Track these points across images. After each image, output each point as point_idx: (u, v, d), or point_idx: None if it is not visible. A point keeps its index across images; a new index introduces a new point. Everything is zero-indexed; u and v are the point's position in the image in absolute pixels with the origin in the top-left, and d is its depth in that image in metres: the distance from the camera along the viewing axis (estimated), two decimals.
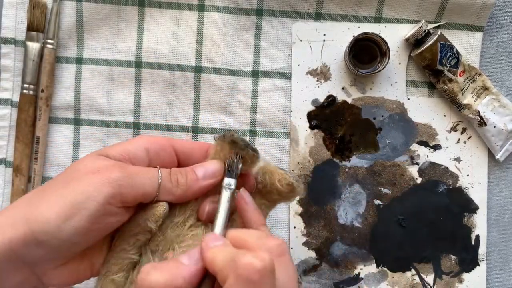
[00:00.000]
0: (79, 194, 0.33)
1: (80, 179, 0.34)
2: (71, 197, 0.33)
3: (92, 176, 0.34)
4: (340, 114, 0.52)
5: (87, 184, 0.34)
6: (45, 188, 0.36)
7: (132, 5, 0.51)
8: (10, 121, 0.51)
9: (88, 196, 0.33)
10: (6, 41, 0.51)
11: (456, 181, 0.53)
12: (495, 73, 0.53)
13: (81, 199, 0.33)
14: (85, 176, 0.35)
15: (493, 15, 0.53)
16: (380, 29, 0.52)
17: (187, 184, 0.38)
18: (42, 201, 0.34)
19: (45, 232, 0.33)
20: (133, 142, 0.39)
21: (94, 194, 0.34)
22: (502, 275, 0.54)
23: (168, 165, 0.40)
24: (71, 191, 0.34)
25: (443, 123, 0.53)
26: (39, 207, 0.34)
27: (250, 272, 0.29)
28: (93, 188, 0.34)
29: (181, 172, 0.38)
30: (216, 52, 0.52)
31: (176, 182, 0.38)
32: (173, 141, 0.41)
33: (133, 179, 0.35)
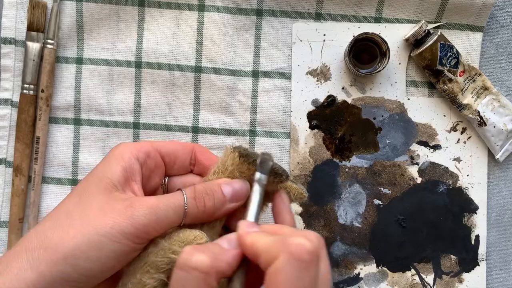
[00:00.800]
0: (103, 237, 0.32)
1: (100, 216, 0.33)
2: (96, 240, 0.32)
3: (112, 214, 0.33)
4: (340, 114, 0.53)
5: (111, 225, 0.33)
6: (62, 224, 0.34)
7: (132, 5, 0.51)
8: (10, 121, 0.51)
9: (113, 238, 0.32)
10: (6, 41, 0.51)
11: (456, 181, 0.53)
12: (495, 73, 0.53)
13: (107, 241, 0.32)
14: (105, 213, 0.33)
15: (493, 15, 0.53)
16: (380, 29, 0.52)
17: (215, 207, 0.36)
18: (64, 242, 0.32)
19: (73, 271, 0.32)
20: (124, 157, 0.36)
21: (120, 236, 0.33)
22: (502, 275, 0.54)
23: (156, 170, 0.39)
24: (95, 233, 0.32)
25: (443, 123, 0.53)
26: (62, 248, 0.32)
27: (303, 251, 0.29)
28: (118, 231, 0.33)
29: (208, 193, 0.36)
30: (216, 52, 0.52)
31: (203, 206, 0.36)
32: (157, 144, 0.39)
33: (157, 214, 0.34)
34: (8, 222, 0.51)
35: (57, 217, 0.34)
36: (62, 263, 0.32)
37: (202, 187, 0.37)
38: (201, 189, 0.36)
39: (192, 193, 0.36)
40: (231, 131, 0.52)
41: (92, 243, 0.32)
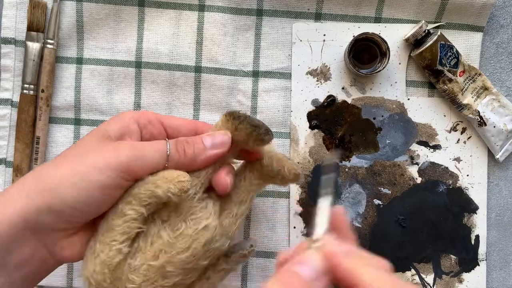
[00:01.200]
0: (91, 168, 0.35)
1: (90, 154, 0.36)
2: (84, 170, 0.35)
3: (102, 152, 0.36)
4: (340, 114, 0.53)
5: (99, 160, 0.36)
6: (56, 163, 0.37)
7: (132, 5, 0.51)
8: (10, 121, 0.51)
9: (100, 171, 0.35)
10: (6, 41, 0.51)
11: (456, 181, 0.53)
12: (495, 73, 0.53)
13: (94, 172, 0.35)
14: (95, 152, 0.36)
15: (493, 15, 0.53)
16: (380, 29, 0.52)
17: (195, 153, 0.39)
18: (55, 174, 0.36)
19: (59, 202, 0.35)
20: (125, 118, 0.40)
21: (106, 168, 0.35)
22: (502, 275, 0.54)
23: (158, 137, 0.41)
24: (84, 166, 0.36)
25: (443, 123, 0.53)
26: (53, 179, 0.35)
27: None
28: (105, 163, 0.35)
29: (188, 141, 0.39)
30: (216, 52, 0.52)
31: (183, 152, 0.39)
32: (161, 116, 0.42)
33: (142, 153, 0.37)
34: None
35: (55, 159, 0.38)
36: (50, 193, 0.35)
37: (184, 138, 0.40)
38: (181, 139, 0.39)
39: (174, 141, 0.39)
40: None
41: (79, 173, 0.35)
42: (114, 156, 0.36)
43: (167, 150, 0.38)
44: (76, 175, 0.35)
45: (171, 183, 0.36)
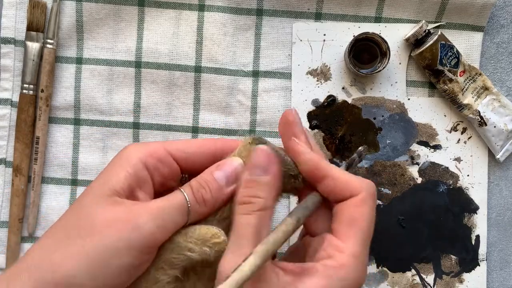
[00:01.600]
0: (109, 253, 0.30)
1: (101, 232, 0.30)
2: (100, 257, 0.30)
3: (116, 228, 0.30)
4: (340, 114, 0.52)
5: (115, 240, 0.30)
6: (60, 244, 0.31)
7: (132, 5, 0.51)
8: (10, 121, 0.51)
9: (120, 254, 0.30)
10: (5, 41, 0.51)
11: (456, 181, 0.53)
12: (496, 73, 0.53)
13: (113, 257, 0.30)
14: (108, 228, 0.31)
15: (494, 15, 0.53)
16: (380, 29, 0.52)
17: (213, 198, 0.34)
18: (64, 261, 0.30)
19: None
20: (130, 161, 0.34)
21: (127, 249, 0.30)
22: (502, 275, 0.54)
23: (171, 176, 0.36)
24: (98, 250, 0.30)
25: (443, 123, 0.53)
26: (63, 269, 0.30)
27: (375, 192, 0.37)
28: (125, 245, 0.30)
29: (203, 185, 0.34)
30: (216, 52, 0.52)
31: (203, 201, 0.34)
32: (170, 147, 0.36)
33: (163, 219, 0.32)
34: (8, 222, 0.51)
35: (58, 233, 0.32)
36: (65, 285, 0.30)
37: (195, 181, 0.35)
38: (196, 184, 0.34)
39: (190, 189, 0.34)
40: (231, 131, 0.52)
41: (96, 261, 0.30)
42: (134, 235, 0.30)
43: (187, 205, 0.33)
44: (91, 263, 0.30)
45: (206, 246, 0.33)
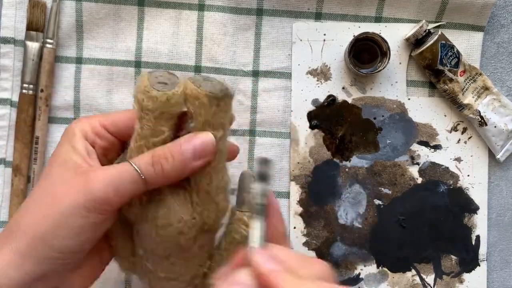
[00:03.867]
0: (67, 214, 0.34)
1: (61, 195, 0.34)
2: (59, 218, 0.34)
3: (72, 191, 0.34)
4: (340, 114, 0.52)
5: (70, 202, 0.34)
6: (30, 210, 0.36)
7: (131, 4, 0.51)
8: (9, 121, 0.51)
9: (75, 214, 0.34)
10: (5, 40, 0.51)
11: (456, 181, 0.53)
12: (496, 73, 0.53)
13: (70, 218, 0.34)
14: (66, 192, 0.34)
15: (494, 15, 0.53)
16: (380, 29, 0.52)
17: (175, 170, 0.35)
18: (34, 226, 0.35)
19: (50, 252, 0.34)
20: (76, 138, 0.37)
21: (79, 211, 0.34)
22: (502, 275, 0.54)
23: (109, 148, 0.38)
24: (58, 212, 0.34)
25: (444, 123, 0.53)
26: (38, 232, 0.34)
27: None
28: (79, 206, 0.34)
29: (166, 155, 0.35)
30: (216, 51, 0.52)
31: (161, 171, 0.35)
32: (102, 121, 0.38)
33: (115, 185, 0.34)
34: (7, 222, 0.51)
35: (29, 205, 0.36)
36: (41, 245, 0.34)
37: (160, 150, 0.35)
38: (159, 153, 0.35)
39: (150, 158, 0.35)
40: (231, 130, 0.52)
41: (59, 223, 0.34)
42: (87, 198, 0.34)
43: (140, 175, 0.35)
44: (54, 223, 0.34)
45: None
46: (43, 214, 0.35)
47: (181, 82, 0.36)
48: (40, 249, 0.34)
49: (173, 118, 0.36)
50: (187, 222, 0.37)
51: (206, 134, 0.36)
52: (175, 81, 0.36)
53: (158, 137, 0.36)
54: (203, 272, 0.41)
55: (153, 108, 0.35)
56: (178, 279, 0.40)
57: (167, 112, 0.35)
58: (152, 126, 0.35)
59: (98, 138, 0.38)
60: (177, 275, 0.40)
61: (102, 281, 0.52)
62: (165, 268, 0.39)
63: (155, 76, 0.36)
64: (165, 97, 0.35)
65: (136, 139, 0.36)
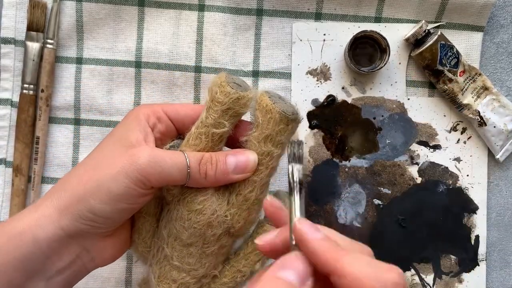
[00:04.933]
0: (108, 177, 0.36)
1: (107, 162, 0.37)
2: (102, 180, 0.36)
3: (118, 160, 0.37)
4: (340, 114, 0.52)
5: (114, 168, 0.36)
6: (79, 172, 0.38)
7: (132, 5, 0.51)
8: (10, 121, 0.51)
9: (116, 179, 0.36)
10: (6, 41, 0.51)
11: (456, 181, 0.53)
12: (495, 73, 0.53)
13: (110, 181, 0.36)
14: (113, 160, 0.37)
15: (493, 15, 0.53)
16: (380, 29, 0.52)
17: (216, 177, 0.38)
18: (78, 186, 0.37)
19: (88, 212, 0.36)
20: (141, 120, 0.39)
21: (122, 176, 0.36)
22: (502, 275, 0.54)
23: (166, 134, 0.41)
24: (101, 174, 0.36)
25: (443, 123, 0.53)
26: (77, 190, 0.37)
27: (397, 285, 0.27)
28: (120, 171, 0.36)
29: (212, 162, 0.38)
30: (216, 52, 0.52)
31: (205, 174, 0.38)
32: (166, 109, 0.41)
33: (161, 166, 0.36)
34: None
35: (78, 168, 0.39)
36: (78, 204, 0.36)
37: (209, 155, 0.38)
38: (207, 157, 0.38)
39: (199, 158, 0.38)
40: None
41: (101, 186, 0.36)
42: (132, 168, 0.36)
43: (187, 168, 0.37)
44: (96, 186, 0.36)
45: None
46: (88, 176, 0.37)
47: (251, 90, 0.39)
48: (77, 207, 0.36)
49: (237, 117, 0.39)
50: (219, 217, 0.39)
51: (252, 153, 0.38)
52: (246, 87, 0.39)
53: (218, 129, 0.38)
54: (214, 274, 0.42)
55: (222, 102, 0.38)
56: (190, 273, 0.41)
57: (234, 109, 0.38)
58: (216, 118, 0.38)
59: (159, 122, 0.40)
60: (190, 268, 0.41)
61: (102, 281, 0.52)
62: (181, 257, 0.40)
63: (231, 77, 0.39)
64: (236, 95, 0.38)
65: (199, 126, 0.39)
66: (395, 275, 0.28)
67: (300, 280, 0.28)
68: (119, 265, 0.52)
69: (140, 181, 0.36)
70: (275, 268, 0.28)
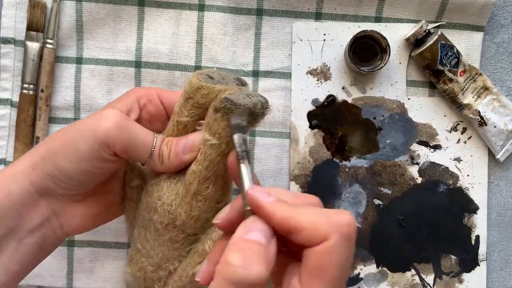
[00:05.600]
0: (77, 135, 0.37)
1: (85, 122, 0.38)
2: (71, 138, 0.37)
3: (88, 119, 0.38)
4: (340, 114, 0.52)
5: (84, 127, 0.37)
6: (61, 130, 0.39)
7: (132, 4, 0.51)
8: (10, 121, 0.51)
9: (84, 139, 0.37)
10: (5, 41, 0.51)
11: (456, 181, 0.53)
12: (496, 73, 0.53)
13: (79, 140, 0.37)
14: (84, 122, 0.38)
15: (494, 15, 0.53)
16: (380, 29, 0.52)
17: (170, 159, 0.39)
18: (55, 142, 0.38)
19: (57, 170, 0.37)
20: (131, 97, 0.42)
21: (89, 137, 0.37)
22: (502, 275, 0.54)
23: (156, 116, 0.43)
24: (72, 132, 0.38)
25: (444, 123, 0.53)
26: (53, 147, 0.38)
27: (352, 231, 0.29)
28: (90, 132, 0.37)
29: (168, 144, 0.39)
30: (216, 52, 0.52)
31: (160, 156, 0.39)
32: (161, 93, 0.43)
33: (129, 134, 0.37)
34: None
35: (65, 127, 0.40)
36: (48, 160, 0.37)
37: (168, 138, 0.40)
38: (166, 140, 0.39)
39: (160, 140, 0.39)
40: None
41: (69, 143, 0.37)
42: (99, 124, 0.37)
43: (152, 147, 0.38)
44: (67, 144, 0.37)
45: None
46: (63, 133, 0.38)
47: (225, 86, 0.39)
48: (47, 163, 0.37)
49: (199, 108, 0.39)
50: (164, 204, 0.39)
51: (198, 135, 0.39)
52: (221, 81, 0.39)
53: (180, 117, 0.39)
54: (169, 269, 0.41)
55: (186, 91, 0.39)
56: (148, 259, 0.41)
57: (194, 99, 0.38)
58: (179, 106, 0.39)
59: (149, 103, 0.42)
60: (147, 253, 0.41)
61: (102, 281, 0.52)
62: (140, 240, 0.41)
63: (212, 71, 0.40)
64: (197, 85, 0.38)
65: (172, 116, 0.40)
66: (347, 216, 0.30)
67: (267, 239, 0.29)
68: (119, 265, 0.52)
69: (104, 143, 0.37)
70: (241, 232, 0.30)
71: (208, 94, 0.38)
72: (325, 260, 0.28)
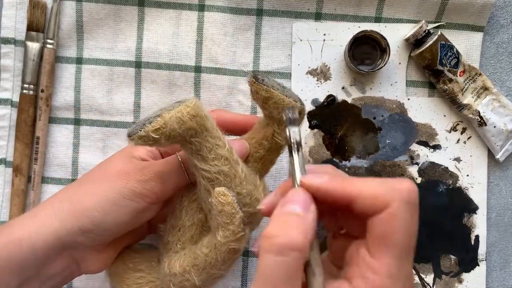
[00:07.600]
0: (119, 195, 0.38)
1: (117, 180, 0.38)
2: (112, 197, 0.38)
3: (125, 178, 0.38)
4: (340, 114, 0.52)
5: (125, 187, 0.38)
6: (86, 186, 0.40)
7: (132, 5, 0.51)
8: (10, 121, 0.51)
9: (128, 197, 0.38)
10: (6, 41, 0.51)
11: (456, 181, 0.53)
12: (495, 73, 0.53)
13: (122, 199, 0.38)
14: (122, 178, 0.38)
15: (493, 15, 0.53)
16: (380, 29, 0.52)
17: None
18: (85, 198, 0.38)
19: (90, 224, 0.38)
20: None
21: (132, 196, 0.38)
22: (502, 275, 0.54)
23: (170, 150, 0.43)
24: (112, 192, 0.38)
25: (443, 123, 0.53)
26: (84, 203, 0.38)
27: (414, 196, 0.30)
28: (130, 191, 0.38)
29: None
30: (216, 52, 0.52)
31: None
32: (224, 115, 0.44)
33: (162, 178, 0.38)
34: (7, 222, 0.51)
35: (84, 180, 0.41)
36: (81, 215, 0.38)
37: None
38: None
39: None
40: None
41: (108, 199, 0.38)
42: (137, 184, 0.38)
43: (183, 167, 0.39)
44: (105, 201, 0.38)
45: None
46: (97, 189, 0.38)
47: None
48: (79, 218, 0.38)
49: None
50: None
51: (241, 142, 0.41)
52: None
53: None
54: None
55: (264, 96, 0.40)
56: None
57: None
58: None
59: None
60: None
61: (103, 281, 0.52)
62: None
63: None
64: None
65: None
66: (407, 183, 0.30)
67: (303, 208, 0.30)
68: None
69: (146, 196, 0.38)
70: (279, 208, 0.31)
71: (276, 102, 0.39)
72: (390, 227, 0.29)
